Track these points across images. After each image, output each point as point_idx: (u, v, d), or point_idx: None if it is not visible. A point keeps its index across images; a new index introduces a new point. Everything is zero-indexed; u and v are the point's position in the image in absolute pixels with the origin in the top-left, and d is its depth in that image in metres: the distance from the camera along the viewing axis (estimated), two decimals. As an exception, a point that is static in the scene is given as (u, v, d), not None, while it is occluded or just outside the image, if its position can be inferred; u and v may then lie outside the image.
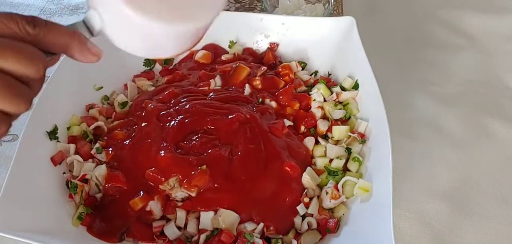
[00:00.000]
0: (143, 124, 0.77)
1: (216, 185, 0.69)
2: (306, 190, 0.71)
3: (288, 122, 0.79)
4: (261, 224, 0.67)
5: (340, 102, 0.82)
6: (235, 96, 0.82)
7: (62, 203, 0.69)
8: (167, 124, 0.76)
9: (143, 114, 0.79)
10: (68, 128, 0.78)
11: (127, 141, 0.75)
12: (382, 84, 0.74)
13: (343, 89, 0.83)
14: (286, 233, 0.68)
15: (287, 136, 0.77)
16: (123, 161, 0.74)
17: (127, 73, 0.90)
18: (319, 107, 0.81)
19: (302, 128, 0.80)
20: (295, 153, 0.75)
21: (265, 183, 0.70)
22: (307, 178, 0.71)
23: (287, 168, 0.72)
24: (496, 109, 0.93)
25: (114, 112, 0.83)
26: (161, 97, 0.82)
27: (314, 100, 0.82)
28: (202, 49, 0.93)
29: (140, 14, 0.44)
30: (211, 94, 0.82)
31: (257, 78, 0.85)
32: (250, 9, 1.15)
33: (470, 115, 0.92)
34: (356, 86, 0.82)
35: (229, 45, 0.94)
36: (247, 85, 0.84)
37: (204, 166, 0.69)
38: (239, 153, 0.71)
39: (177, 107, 0.79)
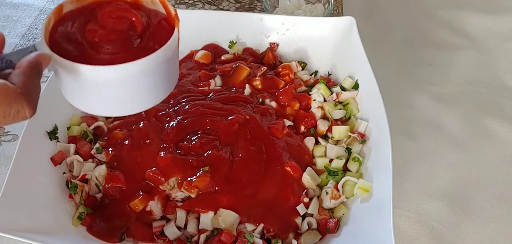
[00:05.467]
0: (141, 124, 0.77)
1: (216, 187, 0.69)
2: (306, 190, 0.71)
3: (288, 122, 0.79)
4: (261, 225, 0.67)
5: (340, 102, 0.82)
6: (235, 96, 0.82)
7: (62, 203, 0.69)
8: (166, 125, 0.76)
9: (142, 114, 0.79)
10: (68, 128, 0.78)
11: (127, 141, 0.75)
12: (382, 84, 0.74)
13: (343, 89, 0.83)
14: (287, 235, 0.68)
15: (288, 136, 0.77)
16: (122, 161, 0.74)
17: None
18: (319, 107, 0.81)
19: (302, 128, 0.80)
20: (295, 153, 0.75)
21: (267, 186, 0.70)
22: (307, 178, 0.71)
23: (288, 168, 0.71)
24: (496, 109, 0.93)
25: (114, 112, 0.83)
26: None
27: (314, 100, 0.82)
28: (202, 49, 0.93)
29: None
30: (210, 94, 0.82)
31: (257, 78, 0.85)
32: (250, 9, 1.15)
33: (470, 115, 0.92)
34: (356, 86, 0.82)
35: (229, 45, 0.94)
36: (247, 85, 0.84)
37: (207, 168, 0.69)
38: (240, 155, 0.71)
39: (177, 107, 0.79)
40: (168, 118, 0.77)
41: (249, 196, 0.69)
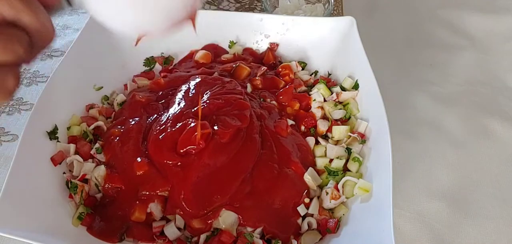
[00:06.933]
0: (130, 120, 0.76)
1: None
2: (306, 191, 0.71)
3: (289, 122, 0.79)
4: (261, 225, 0.67)
5: (340, 102, 0.82)
6: (239, 90, 0.79)
7: (62, 203, 0.69)
8: (155, 115, 0.75)
9: (129, 104, 0.78)
10: (68, 128, 0.78)
11: (117, 139, 0.75)
12: (382, 84, 0.74)
13: (343, 89, 0.83)
14: (287, 236, 0.68)
15: (291, 135, 0.76)
16: (116, 160, 0.73)
17: (127, 73, 0.90)
18: (319, 107, 0.81)
19: (302, 128, 0.80)
20: (301, 153, 0.74)
21: (276, 188, 0.69)
22: (309, 178, 0.71)
23: (293, 168, 0.71)
24: (496, 109, 0.93)
25: (114, 112, 0.83)
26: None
27: (314, 100, 0.82)
28: (202, 49, 0.93)
29: None
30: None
31: (257, 78, 0.85)
32: (250, 9, 1.15)
33: (470, 115, 0.92)
34: (356, 86, 0.82)
35: (229, 45, 0.94)
36: (248, 84, 0.84)
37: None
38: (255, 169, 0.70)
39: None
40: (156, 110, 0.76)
41: (251, 197, 0.69)
